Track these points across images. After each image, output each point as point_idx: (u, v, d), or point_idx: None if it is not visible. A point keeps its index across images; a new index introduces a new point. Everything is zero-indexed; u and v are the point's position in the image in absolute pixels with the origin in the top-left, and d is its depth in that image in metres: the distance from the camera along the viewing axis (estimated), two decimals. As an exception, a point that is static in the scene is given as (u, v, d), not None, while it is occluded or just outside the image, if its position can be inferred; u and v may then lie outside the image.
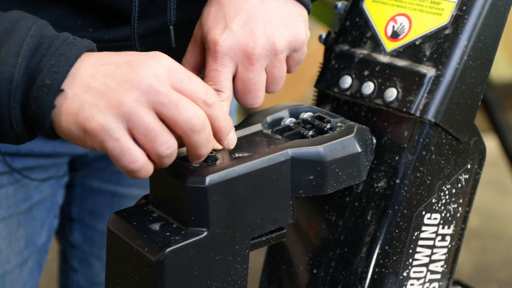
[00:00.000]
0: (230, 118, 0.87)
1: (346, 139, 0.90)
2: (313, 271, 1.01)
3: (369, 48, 1.01)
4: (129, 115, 0.80)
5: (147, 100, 0.80)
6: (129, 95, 0.80)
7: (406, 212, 0.96)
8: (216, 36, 0.91)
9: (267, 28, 0.91)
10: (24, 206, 1.17)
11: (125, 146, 0.80)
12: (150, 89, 0.80)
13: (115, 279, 0.87)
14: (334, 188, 0.89)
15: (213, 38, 0.91)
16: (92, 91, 0.81)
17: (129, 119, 0.80)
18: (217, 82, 0.91)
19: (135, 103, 0.80)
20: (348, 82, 1.01)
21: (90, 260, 1.35)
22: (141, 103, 0.80)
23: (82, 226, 1.33)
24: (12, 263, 1.18)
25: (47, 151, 1.15)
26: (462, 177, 0.99)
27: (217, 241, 0.83)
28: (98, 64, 0.82)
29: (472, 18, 0.95)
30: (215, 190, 0.82)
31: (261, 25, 0.92)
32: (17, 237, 1.18)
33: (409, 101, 0.95)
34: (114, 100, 0.80)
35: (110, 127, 0.80)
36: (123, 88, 0.80)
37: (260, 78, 0.92)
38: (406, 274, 0.98)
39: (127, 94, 0.80)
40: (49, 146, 1.14)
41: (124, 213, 0.87)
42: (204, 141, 0.82)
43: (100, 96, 0.80)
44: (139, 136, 0.80)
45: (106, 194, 1.30)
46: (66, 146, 1.16)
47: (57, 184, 1.23)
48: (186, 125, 0.80)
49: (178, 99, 0.80)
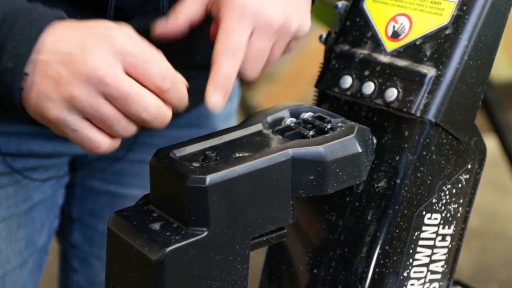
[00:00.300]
0: (186, 96, 0.87)
1: (347, 139, 0.90)
2: (313, 271, 1.01)
3: (370, 48, 1.01)
4: (82, 108, 0.81)
5: (98, 91, 0.81)
6: (80, 89, 0.81)
7: (406, 212, 0.96)
8: None
9: (288, 7, 0.92)
10: (24, 207, 1.17)
11: (84, 135, 0.83)
12: (100, 81, 0.81)
13: (115, 278, 0.87)
14: (334, 188, 0.89)
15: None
16: (48, 80, 0.82)
17: (83, 111, 0.82)
18: (233, 43, 0.90)
19: (87, 96, 0.81)
20: (348, 82, 1.01)
21: (90, 260, 1.34)
22: (92, 95, 0.81)
23: (82, 226, 1.33)
24: (12, 264, 1.18)
25: (48, 151, 1.15)
26: (462, 177, 0.99)
27: (218, 241, 0.83)
28: (55, 48, 0.82)
29: (473, 18, 0.95)
30: (215, 190, 0.82)
31: (285, 2, 0.92)
32: (17, 238, 1.18)
33: (409, 101, 0.95)
34: (67, 94, 0.81)
35: (66, 120, 0.82)
36: (75, 81, 0.81)
37: (267, 51, 0.93)
38: (407, 274, 0.98)
39: (79, 87, 0.81)
40: (49, 146, 1.14)
41: (125, 212, 0.87)
42: (159, 125, 0.85)
43: (54, 88, 0.81)
44: (96, 123, 0.83)
45: (107, 195, 1.30)
46: (66, 146, 1.16)
47: (57, 184, 1.23)
48: (137, 117, 0.83)
49: (127, 91, 0.81)
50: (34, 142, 1.12)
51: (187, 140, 0.90)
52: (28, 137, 1.12)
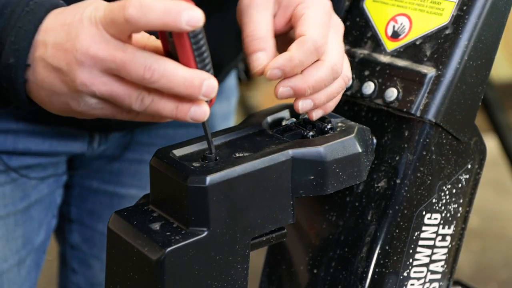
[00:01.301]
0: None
1: (347, 139, 0.90)
2: (313, 271, 1.01)
3: (370, 48, 1.01)
4: (89, 92, 0.80)
5: (98, 69, 0.79)
6: (80, 75, 0.79)
7: (406, 212, 0.96)
8: None
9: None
10: (21, 205, 1.17)
11: (110, 113, 0.81)
12: (95, 60, 0.79)
13: (115, 278, 0.87)
14: (334, 188, 0.89)
15: None
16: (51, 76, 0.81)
17: (91, 93, 0.80)
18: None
19: (90, 79, 0.79)
20: (348, 82, 1.01)
21: (90, 261, 1.34)
22: (94, 75, 0.79)
23: (82, 227, 1.33)
24: (9, 262, 1.18)
25: (44, 150, 1.14)
26: (462, 177, 0.99)
27: (218, 241, 0.83)
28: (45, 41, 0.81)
29: (473, 18, 0.95)
30: (215, 190, 0.82)
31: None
32: (14, 236, 1.17)
33: (409, 101, 0.95)
34: (70, 83, 0.80)
35: (80, 104, 0.81)
36: (73, 70, 0.80)
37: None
38: (407, 274, 0.98)
39: (78, 74, 0.80)
40: (45, 145, 1.14)
41: (124, 212, 0.87)
42: (167, 84, 0.80)
43: (58, 78, 0.81)
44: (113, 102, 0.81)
45: (106, 195, 1.29)
46: (63, 145, 1.16)
47: (55, 184, 1.23)
48: (142, 81, 0.79)
49: (122, 59, 0.78)
50: (31, 140, 1.12)
51: (187, 140, 0.90)
52: (24, 135, 1.11)
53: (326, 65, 0.88)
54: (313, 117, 0.91)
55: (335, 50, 0.89)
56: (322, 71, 0.87)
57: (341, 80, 0.91)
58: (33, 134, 1.12)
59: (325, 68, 0.88)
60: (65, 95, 0.82)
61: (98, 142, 1.18)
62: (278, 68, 0.86)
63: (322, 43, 0.87)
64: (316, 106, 0.90)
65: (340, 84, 0.91)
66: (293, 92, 0.88)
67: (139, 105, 0.80)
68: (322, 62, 0.88)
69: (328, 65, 0.88)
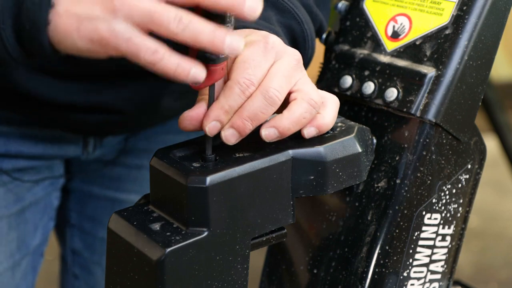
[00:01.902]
0: None
1: (347, 139, 0.90)
2: (313, 271, 1.01)
3: (370, 48, 1.01)
4: (129, 11, 0.78)
5: None
6: None
7: (406, 212, 0.96)
8: None
9: None
10: (15, 208, 1.16)
11: (138, 42, 0.78)
12: None
13: (115, 279, 0.87)
14: (334, 188, 0.89)
15: None
16: (82, 2, 0.79)
17: (129, 15, 0.78)
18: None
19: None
20: (348, 82, 1.01)
21: (91, 267, 1.33)
22: None
23: (82, 233, 1.32)
24: (3, 266, 1.16)
25: (37, 153, 1.13)
26: (462, 177, 0.99)
27: (218, 241, 0.83)
28: None
29: (473, 18, 0.95)
30: (215, 190, 0.82)
31: None
32: (8, 240, 1.16)
33: (409, 101, 0.95)
34: (107, 2, 0.78)
35: (117, 31, 0.77)
36: None
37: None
38: (407, 274, 0.98)
39: None
40: (38, 148, 1.13)
41: (125, 212, 0.87)
42: (192, 36, 0.78)
43: (93, 5, 0.78)
44: (151, 27, 0.78)
45: (106, 201, 1.28)
46: (56, 149, 1.15)
47: (51, 186, 1.22)
48: (168, 33, 0.78)
49: (149, 9, 0.77)
50: (23, 143, 1.11)
51: (187, 140, 0.90)
52: (15, 138, 1.11)
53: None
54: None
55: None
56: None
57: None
58: (24, 137, 1.11)
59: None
60: (97, 19, 0.79)
61: (93, 147, 1.17)
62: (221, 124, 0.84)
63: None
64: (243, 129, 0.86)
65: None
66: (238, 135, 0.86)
67: (177, 24, 0.77)
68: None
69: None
